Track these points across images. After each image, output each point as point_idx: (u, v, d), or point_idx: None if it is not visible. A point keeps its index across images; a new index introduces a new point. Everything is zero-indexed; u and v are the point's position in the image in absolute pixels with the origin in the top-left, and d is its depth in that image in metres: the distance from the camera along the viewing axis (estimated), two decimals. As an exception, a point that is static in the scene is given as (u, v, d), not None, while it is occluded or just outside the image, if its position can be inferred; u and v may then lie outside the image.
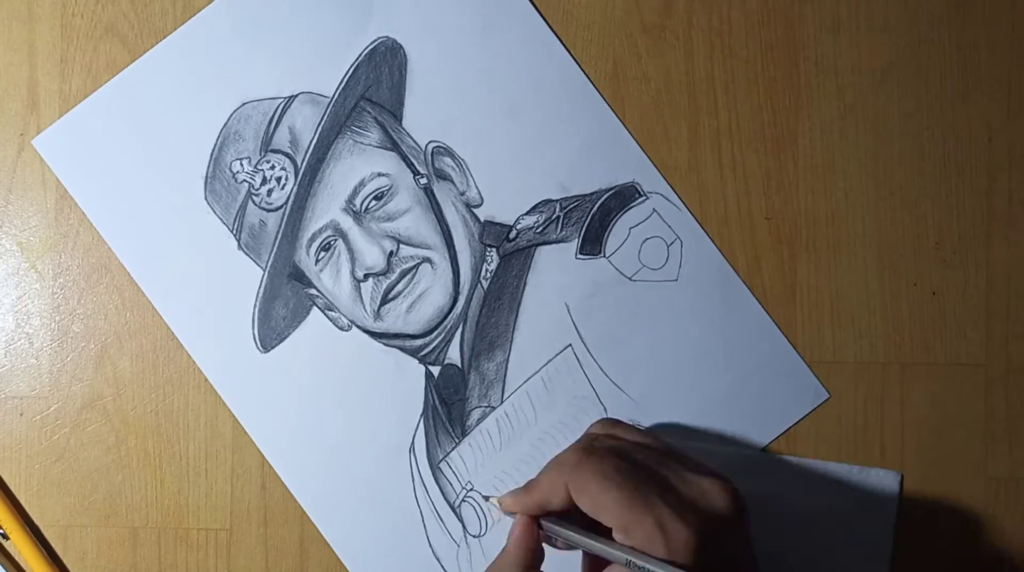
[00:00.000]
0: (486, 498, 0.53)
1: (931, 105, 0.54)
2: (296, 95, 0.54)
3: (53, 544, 0.54)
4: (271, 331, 0.54)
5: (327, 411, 0.54)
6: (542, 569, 0.46)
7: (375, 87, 0.54)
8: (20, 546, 0.52)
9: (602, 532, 0.44)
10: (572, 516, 0.46)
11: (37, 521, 0.54)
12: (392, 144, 0.54)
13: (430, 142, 0.54)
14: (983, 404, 0.54)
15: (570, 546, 0.46)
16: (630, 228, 0.54)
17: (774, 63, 0.54)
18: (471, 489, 0.54)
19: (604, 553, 0.43)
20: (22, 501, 0.54)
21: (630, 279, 0.54)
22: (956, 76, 0.54)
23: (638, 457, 0.46)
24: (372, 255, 0.54)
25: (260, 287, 0.54)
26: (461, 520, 0.53)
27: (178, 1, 0.54)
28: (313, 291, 0.54)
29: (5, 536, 0.53)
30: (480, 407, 0.54)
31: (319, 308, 0.54)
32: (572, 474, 0.44)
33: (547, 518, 0.46)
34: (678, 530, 0.42)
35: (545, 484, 0.46)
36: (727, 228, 0.54)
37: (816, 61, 0.54)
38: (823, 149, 0.54)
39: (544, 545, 0.47)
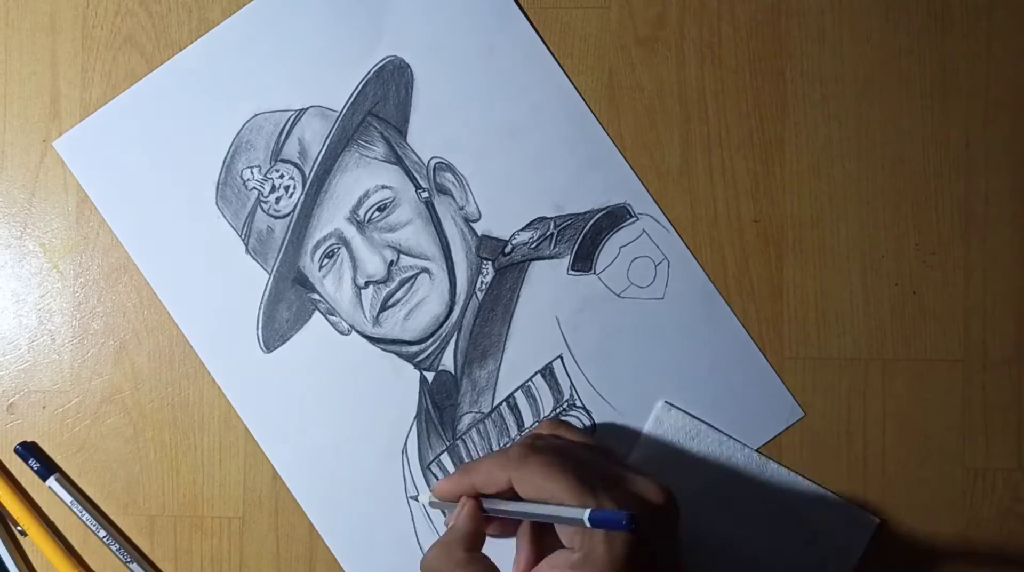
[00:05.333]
0: (425, 502, 0.53)
1: (911, 113, 0.55)
2: (307, 108, 0.55)
3: (72, 532, 0.55)
4: (274, 333, 0.55)
5: (325, 411, 0.55)
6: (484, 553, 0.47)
7: (382, 103, 0.55)
8: (38, 542, 0.54)
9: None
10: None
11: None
12: (396, 158, 0.55)
13: (432, 158, 0.55)
14: (961, 398, 0.55)
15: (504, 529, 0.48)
16: (620, 247, 0.55)
17: (762, 73, 0.55)
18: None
19: (555, 513, 0.43)
20: (44, 492, 0.55)
21: (618, 296, 0.55)
22: (935, 85, 0.55)
23: (581, 455, 0.46)
24: (373, 264, 0.55)
25: (265, 290, 0.55)
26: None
27: (193, 14, 0.55)
28: (316, 296, 0.55)
29: (23, 533, 0.54)
30: (471, 412, 0.55)
31: (321, 312, 0.55)
32: (516, 465, 0.45)
33: (487, 500, 0.47)
34: None
35: (484, 470, 0.46)
36: (717, 230, 0.55)
37: (802, 71, 0.55)
38: (808, 155, 0.55)
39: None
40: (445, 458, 0.55)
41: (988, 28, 0.55)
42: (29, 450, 0.54)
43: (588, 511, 0.41)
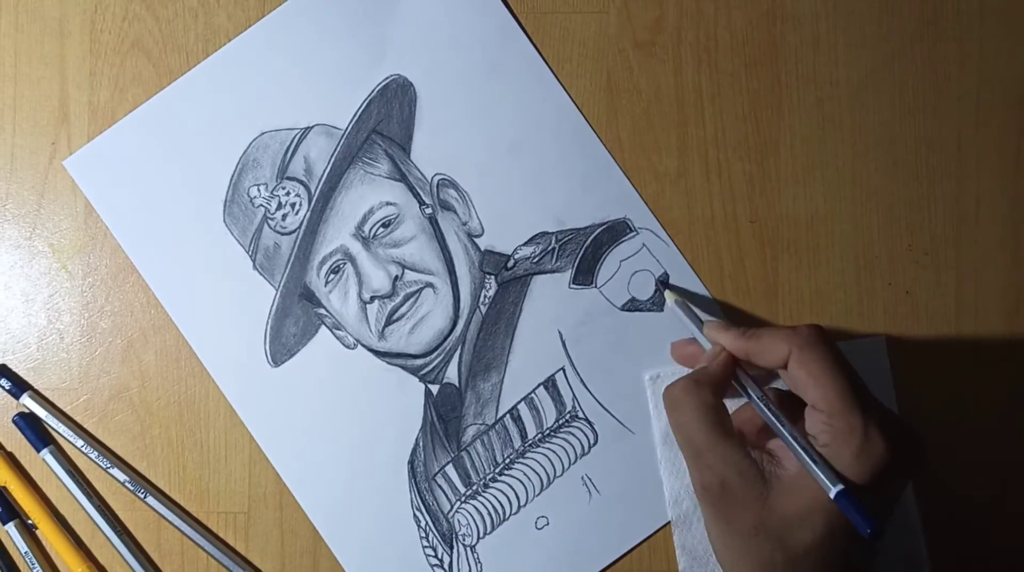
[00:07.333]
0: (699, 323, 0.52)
1: (904, 116, 0.56)
2: (312, 127, 0.56)
3: (81, 529, 0.56)
4: (282, 347, 0.56)
5: (332, 423, 0.55)
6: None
7: (386, 121, 0.56)
8: (49, 536, 0.55)
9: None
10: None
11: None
12: (400, 175, 0.56)
13: (436, 174, 0.56)
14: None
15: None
16: (620, 261, 0.55)
17: (757, 76, 0.56)
18: (464, 501, 0.55)
19: (781, 433, 0.44)
20: (51, 488, 0.56)
21: (619, 309, 0.56)
22: (928, 89, 0.56)
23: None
24: (378, 279, 0.55)
25: (272, 305, 0.56)
26: (454, 529, 0.55)
27: (200, 19, 0.56)
28: (322, 311, 0.56)
29: (35, 526, 0.55)
30: (475, 424, 0.55)
31: (327, 327, 0.56)
32: (803, 344, 0.44)
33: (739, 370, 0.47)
34: (878, 445, 0.42)
35: (768, 340, 0.46)
36: (713, 231, 0.56)
37: (797, 75, 0.56)
38: (803, 156, 0.56)
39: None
40: (450, 469, 0.55)
41: (979, 33, 0.56)
42: (27, 421, 0.56)
43: (838, 488, 0.41)
